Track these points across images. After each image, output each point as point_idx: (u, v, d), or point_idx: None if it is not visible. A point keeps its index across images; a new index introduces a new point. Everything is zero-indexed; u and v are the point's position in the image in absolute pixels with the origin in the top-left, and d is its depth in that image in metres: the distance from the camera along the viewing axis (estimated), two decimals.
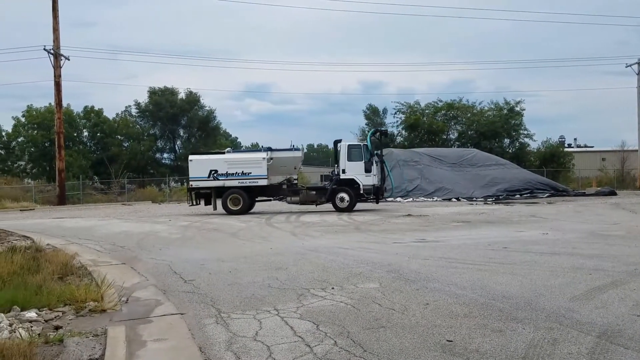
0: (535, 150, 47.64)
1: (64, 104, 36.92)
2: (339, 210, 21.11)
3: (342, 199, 21.27)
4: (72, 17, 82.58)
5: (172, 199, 35.94)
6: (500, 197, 30.69)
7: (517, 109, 46.25)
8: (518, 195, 31.58)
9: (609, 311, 5.49)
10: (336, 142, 22.89)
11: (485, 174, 32.99)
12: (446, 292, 6.48)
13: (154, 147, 48.77)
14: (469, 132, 46.52)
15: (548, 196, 31.84)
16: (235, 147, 54.07)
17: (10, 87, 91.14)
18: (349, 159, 21.48)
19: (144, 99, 48.78)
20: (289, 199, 21.99)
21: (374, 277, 7.49)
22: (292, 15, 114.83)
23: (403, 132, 47.71)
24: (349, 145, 21.90)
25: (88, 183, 38.70)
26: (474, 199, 29.78)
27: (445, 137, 46.80)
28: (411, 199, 29.72)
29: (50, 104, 39.87)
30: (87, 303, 6.05)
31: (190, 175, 21.14)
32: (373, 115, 50.35)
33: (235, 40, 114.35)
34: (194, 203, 21.62)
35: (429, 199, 29.66)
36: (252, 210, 21.73)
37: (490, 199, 29.72)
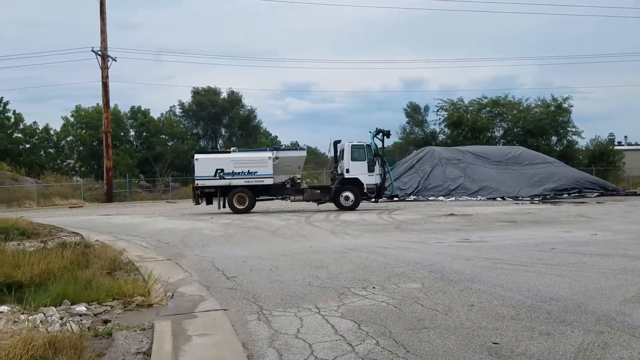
0: (583, 149, 46.14)
1: (112, 104, 38.02)
2: (343, 208, 21.40)
3: (347, 198, 21.61)
4: (119, 19, 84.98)
5: None
6: (548, 196, 29.87)
7: (565, 105, 44.86)
8: (566, 195, 30.65)
9: None
10: (336, 143, 23.58)
11: (532, 172, 32.14)
12: (491, 293, 6.34)
13: (197, 146, 49.68)
14: (515, 130, 45.39)
15: (597, 196, 30.79)
16: (276, 145, 54.50)
17: (60, 88, 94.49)
18: (353, 158, 21.87)
19: (187, 99, 49.85)
20: (292, 197, 22.11)
21: (416, 277, 7.40)
22: (333, 14, 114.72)
23: (445, 129, 47.00)
24: (352, 145, 22.18)
25: (134, 181, 39.73)
26: (520, 198, 29.08)
27: (490, 134, 45.81)
28: (454, 198, 29.25)
29: (98, 104, 41.19)
30: (134, 298, 6.21)
31: (196, 174, 21.34)
32: (414, 112, 49.71)
33: (275, 40, 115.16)
34: (199, 202, 21.89)
35: (472, 198, 29.12)
36: (254, 210, 21.78)
37: (537, 199, 28.95)
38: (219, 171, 21.06)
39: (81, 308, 5.81)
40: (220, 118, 49.31)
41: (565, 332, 4.79)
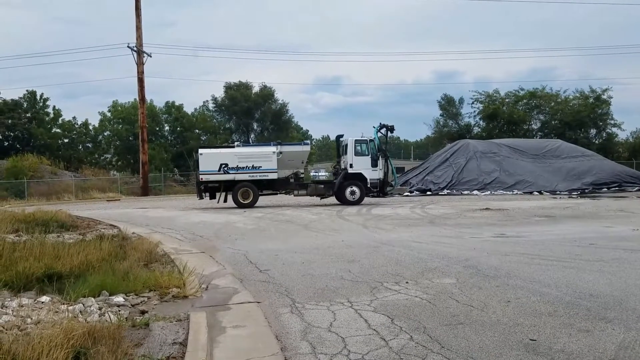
0: (624, 141, 44.76)
1: (147, 99, 38.74)
2: (347, 203, 21.32)
3: (352, 192, 21.61)
4: (155, 17, 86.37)
5: None
6: (586, 190, 29.10)
7: (604, 97, 43.61)
8: (605, 189, 29.79)
9: None
10: (338, 137, 23.67)
11: (570, 166, 31.34)
12: (528, 289, 6.20)
13: (230, 141, 50.16)
14: (553, 122, 44.35)
15: (638, 190, 29.83)
16: (307, 139, 54.55)
17: (96, 84, 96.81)
18: (356, 153, 21.79)
19: (220, 94, 50.35)
20: (295, 192, 22.11)
21: (451, 272, 7.31)
22: (365, 6, 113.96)
23: (480, 122, 46.27)
24: (355, 140, 22.07)
25: (169, 175, 40.42)
26: (558, 192, 28.41)
27: (526, 127, 44.86)
28: (489, 192, 28.77)
29: (134, 99, 42.00)
30: (170, 289, 6.31)
31: (200, 168, 21.31)
32: (448, 105, 49.06)
33: (307, 34, 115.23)
34: (203, 197, 21.97)
35: (508, 192, 28.59)
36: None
37: (575, 193, 28.24)
38: (223, 166, 21.15)
39: (119, 299, 5.94)
40: (252, 112, 49.64)
41: (606, 329, 4.66)
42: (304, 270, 7.70)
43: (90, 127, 47.19)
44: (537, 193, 28.25)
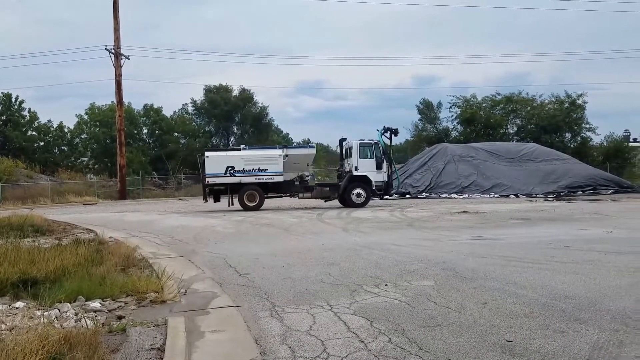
0: (598, 145, 45.63)
1: (125, 102, 38.32)
2: (353, 205, 21.48)
3: (359, 195, 21.85)
4: (134, 20, 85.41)
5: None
6: (562, 193, 29.59)
7: (579, 102, 44.41)
8: (580, 192, 30.34)
9: None
10: (341, 141, 23.95)
11: (546, 169, 31.87)
12: (505, 291, 6.29)
13: (209, 144, 49.88)
14: (529, 126, 45.02)
15: (612, 193, 30.44)
16: (285, 143, 54.58)
17: (75, 87, 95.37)
18: (361, 156, 22.06)
19: (199, 97, 50.06)
20: (301, 195, 22.22)
21: (429, 275, 7.37)
22: (345, 11, 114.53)
23: (458, 126, 46.74)
24: (360, 143, 22.36)
25: (147, 179, 40.00)
26: (534, 195, 28.84)
27: (503, 131, 45.48)
28: (466, 195, 29.08)
29: (112, 102, 41.48)
30: (148, 294, 6.25)
31: (207, 171, 21.25)
32: (427, 109, 49.47)
33: (288, 38, 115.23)
34: (207, 199, 21.96)
35: (485, 196, 28.94)
36: (265, 207, 21.85)
37: (551, 196, 28.69)
38: (230, 169, 21.14)
39: (95, 304, 5.87)
40: (232, 116, 49.43)
41: (580, 330, 4.75)
42: (284, 274, 7.70)
43: (67, 130, 46.53)
44: (513, 196, 28.65)
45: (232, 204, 21.46)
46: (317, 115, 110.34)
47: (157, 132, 47.59)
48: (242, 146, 24.24)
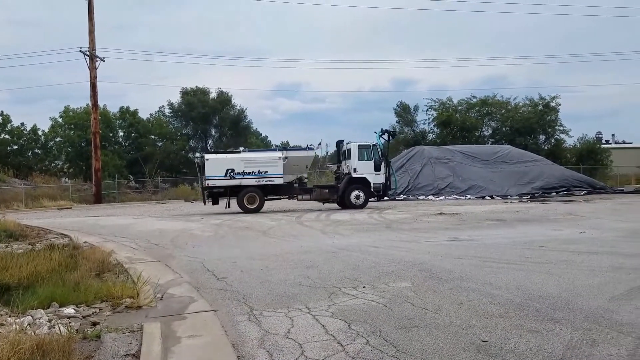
0: (571, 147, 46.53)
1: (100, 104, 37.77)
2: (352, 207, 21.66)
3: (357, 197, 22.04)
4: (110, 21, 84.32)
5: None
6: (536, 194, 30.08)
7: (553, 104, 45.22)
8: (554, 193, 30.89)
9: None
10: (339, 143, 24.22)
11: (520, 171, 32.38)
12: (481, 291, 6.37)
13: (187, 147, 49.49)
14: (504, 129, 45.69)
15: (585, 194, 31.07)
16: (267, 145, 54.42)
17: (49, 89, 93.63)
18: (360, 158, 22.23)
19: (176, 99, 49.65)
20: (300, 196, 22.29)
21: (406, 276, 7.42)
22: (324, 14, 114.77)
23: (435, 129, 47.20)
24: (359, 145, 22.56)
25: (123, 182, 39.50)
26: (509, 196, 29.27)
27: (478, 134, 46.07)
28: (443, 197, 29.37)
29: (87, 104, 40.86)
30: (123, 299, 6.17)
31: (207, 174, 21.17)
32: (404, 112, 49.87)
33: (266, 40, 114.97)
34: (207, 202, 21.91)
35: (461, 197, 29.26)
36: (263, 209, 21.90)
37: (526, 197, 29.15)
38: (230, 171, 21.10)
39: (69, 310, 5.77)
40: (210, 118, 49.13)
41: (554, 330, 4.82)
42: (262, 277, 7.67)
43: (41, 133, 45.66)
44: (489, 197, 29.03)
45: (229, 207, 21.44)
46: (295, 117, 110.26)
47: (133, 134, 47.04)
48: (241, 149, 24.29)
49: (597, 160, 44.39)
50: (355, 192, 22.01)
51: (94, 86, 33.58)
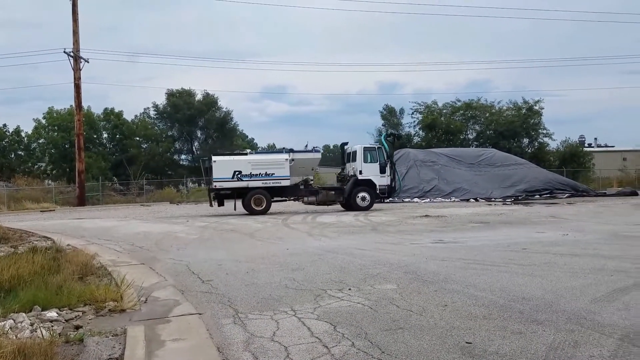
0: (554, 150, 47.06)
1: (85, 106, 37.44)
2: (357, 209, 21.83)
3: (363, 198, 22.26)
4: (97, 22, 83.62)
5: (189, 199, 36.19)
6: (520, 197, 30.37)
7: (536, 108, 45.76)
8: (537, 196, 31.21)
9: (632, 313, 5.39)
10: (343, 145, 24.56)
11: (504, 174, 32.68)
12: (465, 293, 6.42)
13: (172, 149, 49.19)
14: (488, 132, 46.10)
15: (568, 196, 31.43)
16: (252, 148, 54.32)
17: (31, 90, 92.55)
18: (366, 160, 22.45)
19: (162, 101, 49.34)
20: (306, 199, 22.49)
21: (392, 278, 7.45)
22: (311, 17, 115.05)
23: (420, 132, 47.48)
24: (364, 147, 22.87)
25: (107, 184, 39.13)
26: (493, 199, 29.51)
27: (463, 137, 46.44)
28: (428, 199, 29.54)
29: (71, 106, 40.41)
30: (106, 303, 6.11)
31: (214, 176, 21.22)
32: (390, 115, 50.18)
33: (253, 43, 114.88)
34: (213, 204, 21.93)
35: (446, 200, 29.45)
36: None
37: (509, 200, 29.42)
38: (237, 173, 21.16)
39: (52, 314, 5.70)
40: (196, 120, 48.90)
41: (537, 331, 4.87)
42: (247, 280, 7.65)
43: (24, 135, 45.07)
44: (473, 200, 29.25)
45: (236, 209, 21.48)
46: (281, 119, 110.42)
47: (117, 136, 46.62)
48: (247, 151, 24.41)
49: (580, 163, 44.95)
50: (361, 194, 22.27)
51: (78, 87, 33.28)
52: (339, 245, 11.25)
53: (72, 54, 32.62)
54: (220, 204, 21.97)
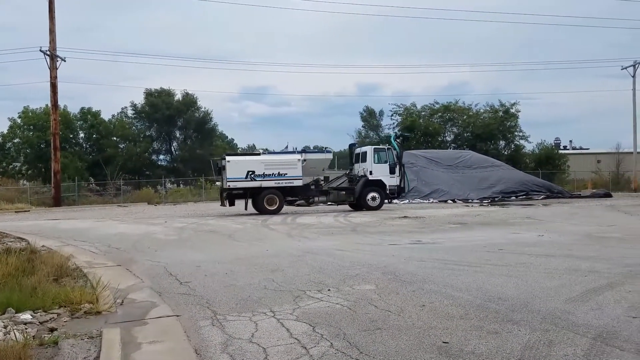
0: (530, 152, 47.79)
1: (61, 105, 36.83)
2: (368, 209, 22.37)
3: (374, 198, 22.77)
4: (74, 21, 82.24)
5: (167, 200, 35.86)
6: (496, 198, 30.76)
7: (513, 110, 46.48)
8: (514, 197, 31.65)
9: (605, 313, 5.50)
10: (351, 145, 25.45)
11: (481, 175, 33.07)
12: (442, 293, 6.48)
13: (150, 149, 48.67)
14: (465, 134, 46.67)
15: (543, 198, 31.92)
16: (232, 149, 54.04)
17: (7, 89, 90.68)
18: (376, 161, 22.94)
19: (140, 100, 48.78)
20: (316, 198, 22.74)
21: (370, 279, 7.49)
22: (291, 19, 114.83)
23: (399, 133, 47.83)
24: (374, 148, 23.57)
25: (84, 185, 38.53)
26: (470, 200, 29.83)
27: (441, 139, 46.90)
28: (407, 200, 29.72)
29: (47, 105, 39.69)
30: (82, 305, 6.02)
31: (228, 176, 21.29)
32: (369, 117, 50.47)
33: (233, 44, 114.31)
34: (224, 204, 22.03)
35: (424, 201, 29.69)
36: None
37: (486, 201, 29.77)
38: (250, 173, 21.24)
39: (26, 316, 5.60)
40: (175, 120, 48.48)
41: (513, 331, 4.94)
42: (226, 281, 7.61)
43: None
44: (451, 201, 29.54)
45: (245, 208, 21.59)
46: (261, 120, 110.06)
47: (94, 136, 45.91)
48: (260, 150, 24.48)
49: (555, 165, 45.72)
50: (371, 194, 22.67)
51: (54, 86, 32.73)
52: (318, 246, 11.26)
53: (48, 52, 32.07)
54: (232, 203, 22.06)
